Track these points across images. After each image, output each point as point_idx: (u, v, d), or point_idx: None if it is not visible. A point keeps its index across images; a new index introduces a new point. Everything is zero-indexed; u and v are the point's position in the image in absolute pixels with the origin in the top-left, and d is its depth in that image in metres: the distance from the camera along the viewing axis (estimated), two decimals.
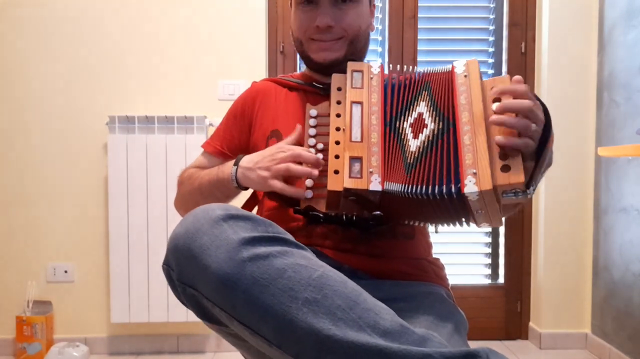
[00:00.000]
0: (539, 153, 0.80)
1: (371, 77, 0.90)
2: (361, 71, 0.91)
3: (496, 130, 0.79)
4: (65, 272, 2.20)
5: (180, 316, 2.12)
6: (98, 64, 2.19)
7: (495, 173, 0.75)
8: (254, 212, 1.06)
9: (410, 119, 0.85)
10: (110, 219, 2.12)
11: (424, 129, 0.83)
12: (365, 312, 0.64)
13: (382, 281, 0.92)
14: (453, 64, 0.89)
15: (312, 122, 0.93)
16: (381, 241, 0.95)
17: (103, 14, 2.19)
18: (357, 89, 0.89)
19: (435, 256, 1.05)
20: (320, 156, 0.88)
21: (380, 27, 2.32)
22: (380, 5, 2.31)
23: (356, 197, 0.82)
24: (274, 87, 1.11)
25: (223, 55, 2.21)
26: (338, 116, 0.87)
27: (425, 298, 0.91)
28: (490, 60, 2.33)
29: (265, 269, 0.64)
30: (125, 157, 2.11)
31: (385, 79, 0.90)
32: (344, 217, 0.93)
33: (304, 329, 0.61)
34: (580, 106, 2.22)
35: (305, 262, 0.66)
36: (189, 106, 2.19)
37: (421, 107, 0.86)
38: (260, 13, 2.21)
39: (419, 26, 2.31)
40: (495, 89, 0.81)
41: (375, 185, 0.80)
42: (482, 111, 0.80)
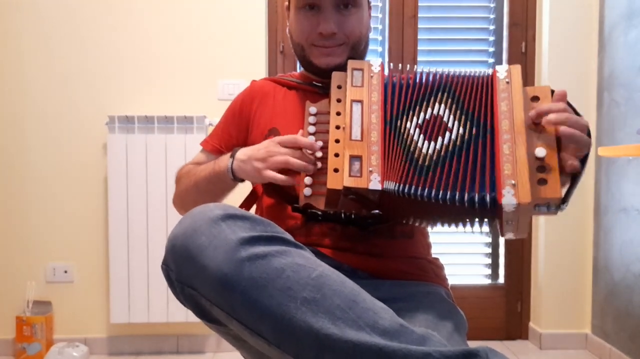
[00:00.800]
0: (576, 172, 0.79)
1: (371, 76, 0.89)
2: (362, 69, 0.90)
3: (536, 141, 0.78)
4: (65, 272, 2.20)
5: (180, 317, 2.12)
6: (98, 64, 2.19)
7: (532, 186, 0.75)
8: (253, 211, 1.06)
9: (417, 120, 0.84)
10: (110, 219, 2.12)
11: (447, 133, 0.81)
12: (364, 311, 0.64)
13: (382, 280, 0.92)
14: (495, 69, 0.87)
15: (312, 119, 0.92)
16: (380, 240, 0.95)
17: (103, 13, 2.18)
18: (358, 88, 0.88)
19: (434, 256, 1.05)
20: (320, 143, 0.87)
21: (380, 27, 2.32)
22: (380, 5, 2.31)
23: (355, 196, 0.82)
24: (273, 86, 1.11)
25: (223, 55, 2.21)
26: (338, 114, 0.87)
27: (424, 298, 0.90)
28: (491, 60, 2.33)
29: (264, 268, 0.64)
30: (125, 157, 2.11)
31: (385, 78, 0.90)
32: (342, 216, 0.93)
33: (303, 329, 0.61)
34: (580, 105, 2.19)
35: (303, 262, 0.66)
36: (189, 106, 2.19)
37: (437, 109, 0.84)
38: (260, 13, 2.21)
39: (419, 26, 2.31)
40: (538, 109, 0.79)
41: (375, 184, 0.79)
42: (523, 120, 0.79)
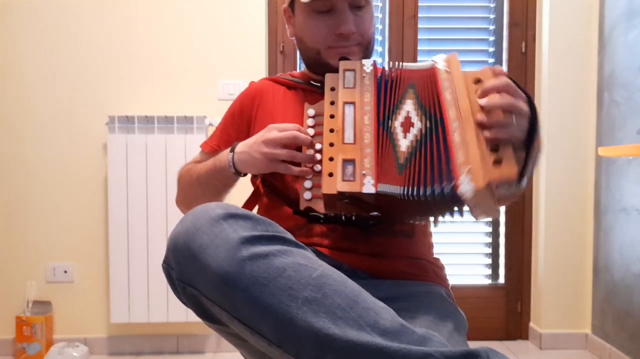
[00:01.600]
0: (528, 144, 0.80)
1: (363, 76, 0.89)
2: (353, 70, 0.89)
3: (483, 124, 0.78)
4: (65, 272, 2.20)
5: (180, 316, 2.12)
6: (98, 64, 2.19)
7: (487, 168, 0.74)
8: (255, 211, 1.06)
9: (400, 118, 0.84)
10: (110, 219, 2.12)
11: (411, 128, 0.82)
12: (365, 311, 0.64)
13: (382, 280, 0.92)
14: (433, 60, 0.87)
15: (310, 122, 0.92)
16: (380, 239, 0.95)
17: (103, 13, 2.18)
18: (350, 89, 0.88)
19: (435, 256, 1.05)
20: (319, 145, 0.88)
21: (380, 27, 2.32)
22: (380, 5, 2.31)
23: (351, 199, 0.82)
24: (272, 86, 1.11)
25: (223, 55, 2.21)
26: (332, 116, 0.86)
27: (425, 298, 0.90)
28: (491, 60, 2.33)
29: (265, 268, 0.64)
30: (125, 157, 2.11)
31: (378, 77, 0.89)
32: (343, 217, 0.93)
33: (303, 329, 0.61)
34: (580, 105, 2.22)
35: (305, 262, 0.66)
36: (189, 106, 2.19)
37: (408, 105, 0.85)
38: (260, 13, 2.21)
39: (419, 26, 2.31)
40: (479, 91, 0.80)
41: (369, 187, 0.79)
42: (469, 106, 0.79)
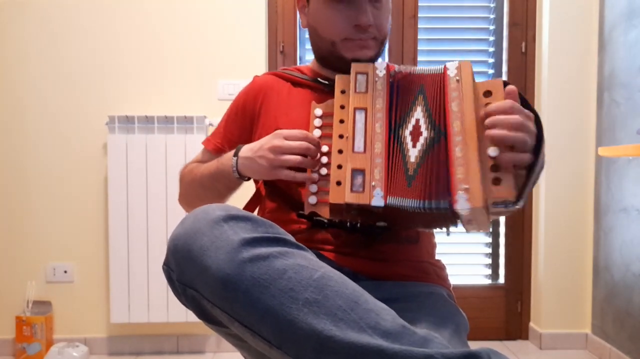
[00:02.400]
0: (531, 164, 0.78)
1: (376, 80, 0.85)
2: (366, 73, 0.85)
3: (489, 140, 0.76)
4: (65, 272, 2.20)
5: (180, 317, 2.12)
6: (98, 64, 2.19)
7: (486, 187, 0.74)
8: (256, 213, 1.05)
9: (410, 127, 0.82)
10: (110, 219, 2.12)
11: (420, 138, 0.80)
12: (366, 313, 0.63)
13: (383, 281, 0.91)
14: (445, 66, 0.83)
15: (317, 122, 0.89)
16: (384, 246, 0.94)
17: (103, 14, 2.18)
18: (361, 94, 0.84)
19: (436, 257, 1.05)
20: (326, 148, 0.86)
21: None
22: None
23: (358, 210, 0.80)
24: (277, 81, 1.08)
25: (223, 55, 2.20)
26: (341, 121, 0.83)
27: (426, 299, 0.90)
28: (491, 60, 2.33)
29: (266, 269, 0.64)
30: (125, 157, 2.11)
31: (390, 81, 0.86)
32: (348, 224, 0.91)
33: (304, 330, 0.61)
34: (580, 105, 2.22)
35: (305, 263, 0.66)
36: (189, 106, 2.18)
37: (418, 112, 0.82)
38: (260, 13, 2.21)
39: (419, 26, 2.31)
40: (487, 111, 0.78)
41: (378, 200, 0.77)
42: (475, 121, 0.77)
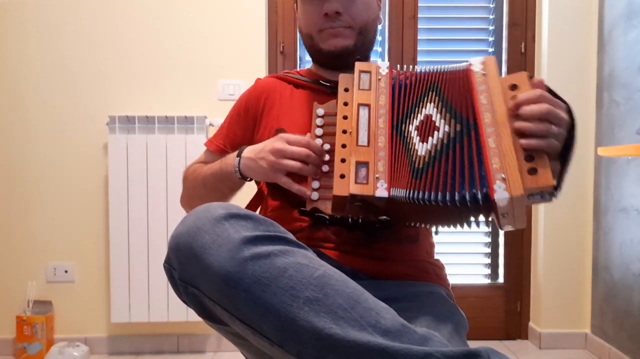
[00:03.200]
0: (564, 153, 0.78)
1: (379, 79, 0.87)
2: (369, 72, 0.88)
3: (520, 131, 0.76)
4: (66, 272, 2.20)
5: (180, 316, 2.12)
6: (98, 64, 2.19)
7: (523, 177, 0.73)
8: (258, 212, 1.06)
9: (416, 122, 0.82)
10: (111, 219, 2.12)
11: (435, 132, 0.80)
12: (367, 311, 0.64)
13: (383, 281, 0.91)
14: (470, 62, 0.85)
15: (319, 121, 0.91)
16: (385, 244, 0.94)
17: (103, 14, 2.19)
18: (365, 91, 0.86)
19: (435, 257, 1.05)
20: (327, 146, 0.87)
21: (380, 27, 2.32)
22: None
23: (362, 202, 0.81)
24: (279, 84, 1.10)
25: (223, 55, 2.21)
26: (345, 118, 0.85)
27: (426, 298, 0.91)
28: None
29: (267, 268, 0.64)
30: (125, 158, 2.11)
31: (393, 80, 0.88)
32: (349, 220, 0.92)
33: (305, 328, 0.61)
34: (580, 105, 2.22)
35: (306, 262, 0.66)
36: (189, 106, 2.19)
37: (428, 108, 0.83)
38: (260, 13, 2.21)
39: (419, 26, 2.31)
40: (517, 101, 0.78)
41: (382, 191, 0.78)
42: (505, 111, 0.78)
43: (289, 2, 2.29)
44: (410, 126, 0.83)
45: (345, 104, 0.86)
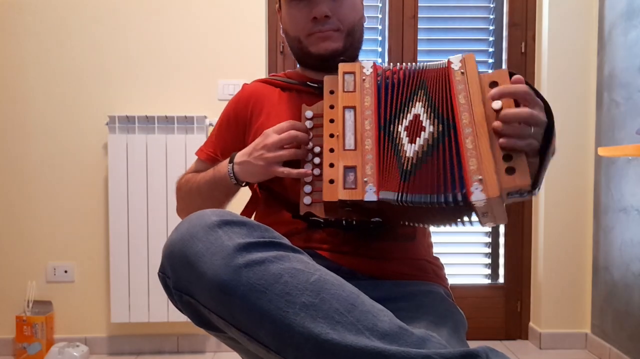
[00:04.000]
0: (543, 152, 0.79)
1: (363, 79, 0.86)
2: (353, 73, 0.87)
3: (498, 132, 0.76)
4: (66, 272, 2.20)
5: (180, 316, 2.09)
6: (98, 64, 2.19)
7: (500, 176, 0.74)
8: (253, 217, 1.05)
9: (405, 122, 0.82)
10: (111, 219, 2.12)
11: (422, 133, 0.80)
12: (363, 315, 0.63)
13: (382, 280, 0.91)
14: (449, 59, 0.84)
15: (308, 124, 0.91)
16: (381, 244, 0.94)
17: (103, 14, 2.18)
18: (350, 93, 0.85)
19: (434, 256, 1.05)
20: (318, 149, 0.87)
21: (380, 27, 2.32)
22: (380, 5, 2.31)
23: (352, 206, 0.81)
24: (266, 88, 1.09)
25: (223, 55, 2.21)
26: (331, 121, 0.85)
27: (425, 297, 0.90)
28: (490, 60, 2.33)
29: (262, 274, 0.64)
30: (125, 157, 2.11)
31: (378, 80, 0.87)
32: (344, 222, 0.92)
33: (302, 334, 0.61)
34: (580, 105, 2.22)
35: (301, 267, 0.66)
36: (189, 106, 2.19)
37: (417, 108, 0.82)
38: (260, 13, 2.21)
39: (419, 26, 2.31)
40: (494, 91, 0.77)
41: (370, 195, 0.78)
42: (483, 111, 0.77)
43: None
44: (399, 126, 0.82)
45: (332, 107, 0.86)
